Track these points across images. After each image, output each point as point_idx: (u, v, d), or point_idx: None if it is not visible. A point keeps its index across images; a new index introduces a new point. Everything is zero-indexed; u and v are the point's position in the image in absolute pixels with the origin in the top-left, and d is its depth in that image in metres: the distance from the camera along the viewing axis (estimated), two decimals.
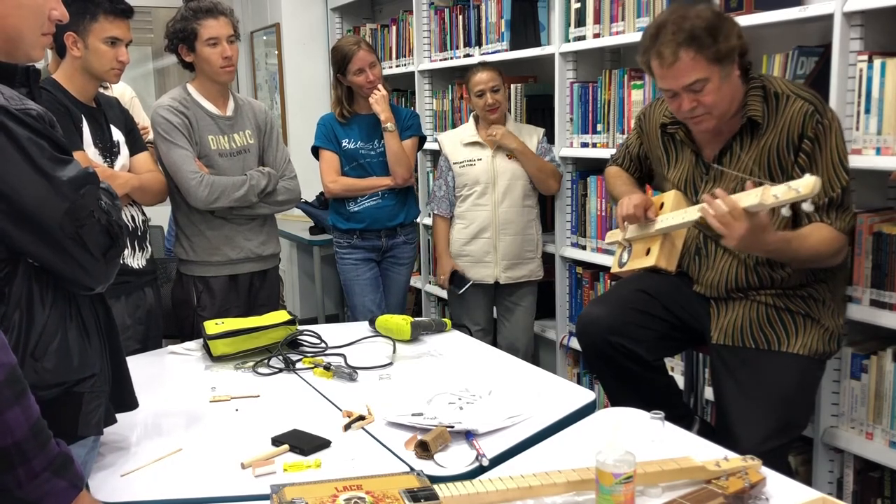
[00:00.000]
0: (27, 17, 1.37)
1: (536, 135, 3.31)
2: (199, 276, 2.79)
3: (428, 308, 4.39)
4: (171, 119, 2.66)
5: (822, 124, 1.94)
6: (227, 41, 2.68)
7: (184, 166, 2.64)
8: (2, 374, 1.09)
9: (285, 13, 5.25)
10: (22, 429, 1.11)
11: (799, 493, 1.38)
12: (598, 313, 2.18)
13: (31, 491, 1.13)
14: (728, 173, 2.07)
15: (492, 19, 3.66)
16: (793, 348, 2.03)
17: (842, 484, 2.40)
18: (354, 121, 3.26)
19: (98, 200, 1.35)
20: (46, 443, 1.16)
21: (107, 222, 1.36)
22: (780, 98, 2.00)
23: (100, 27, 2.29)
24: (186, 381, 2.07)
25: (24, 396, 1.13)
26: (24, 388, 1.13)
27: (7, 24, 1.35)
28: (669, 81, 1.96)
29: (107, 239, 1.36)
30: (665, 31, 1.93)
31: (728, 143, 2.07)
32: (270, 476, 1.51)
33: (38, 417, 1.15)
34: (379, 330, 2.38)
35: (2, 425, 1.09)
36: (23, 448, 1.11)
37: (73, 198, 1.30)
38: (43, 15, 1.41)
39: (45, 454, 1.15)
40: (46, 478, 1.14)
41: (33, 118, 1.28)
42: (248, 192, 2.72)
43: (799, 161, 1.97)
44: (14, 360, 1.12)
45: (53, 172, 1.28)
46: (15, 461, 1.11)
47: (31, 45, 1.40)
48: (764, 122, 2.01)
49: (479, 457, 1.53)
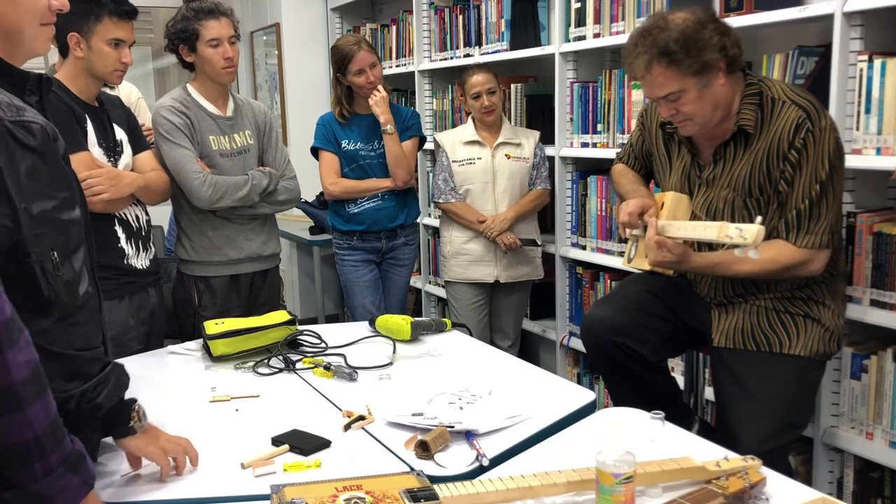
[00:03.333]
0: (24, 11, 1.35)
1: (533, 137, 3.31)
2: (201, 276, 2.79)
3: (428, 308, 4.39)
4: (173, 119, 2.66)
5: (812, 133, 1.91)
6: (229, 42, 2.68)
7: (186, 166, 2.64)
8: (26, 370, 1.11)
9: (285, 13, 5.25)
10: (42, 424, 1.13)
11: (799, 493, 1.38)
12: (604, 314, 2.18)
13: (46, 486, 1.14)
14: (719, 181, 2.06)
15: (492, 19, 3.66)
16: (794, 350, 2.03)
17: (842, 484, 2.40)
18: (354, 121, 3.25)
19: (51, 250, 1.24)
20: (62, 439, 1.17)
21: (41, 275, 1.22)
22: (776, 104, 1.97)
23: (104, 28, 2.29)
24: (186, 381, 2.07)
25: (45, 393, 1.14)
26: (45, 384, 1.15)
27: (6, 20, 1.33)
28: (646, 90, 2.01)
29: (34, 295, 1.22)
30: (642, 42, 1.92)
31: (722, 147, 2.06)
32: (270, 476, 1.50)
33: (56, 414, 1.17)
34: (379, 330, 2.38)
35: (24, 421, 1.11)
36: (42, 443, 1.13)
37: (26, 233, 1.20)
38: (41, 6, 1.38)
39: (60, 450, 1.16)
40: (61, 473, 1.16)
41: (28, 132, 1.23)
42: (251, 191, 2.72)
43: (784, 172, 1.96)
44: (37, 357, 1.14)
45: (19, 203, 1.19)
46: (33, 456, 1.13)
47: (32, 38, 1.37)
48: (756, 131, 1.99)
49: (479, 457, 1.53)
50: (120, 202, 2.40)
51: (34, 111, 1.29)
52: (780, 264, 1.97)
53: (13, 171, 1.20)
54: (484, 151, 3.26)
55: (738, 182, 2.03)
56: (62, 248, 1.26)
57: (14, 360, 1.09)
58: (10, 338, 1.09)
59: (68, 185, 1.32)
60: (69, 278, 1.26)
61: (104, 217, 2.37)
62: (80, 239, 1.33)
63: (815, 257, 1.98)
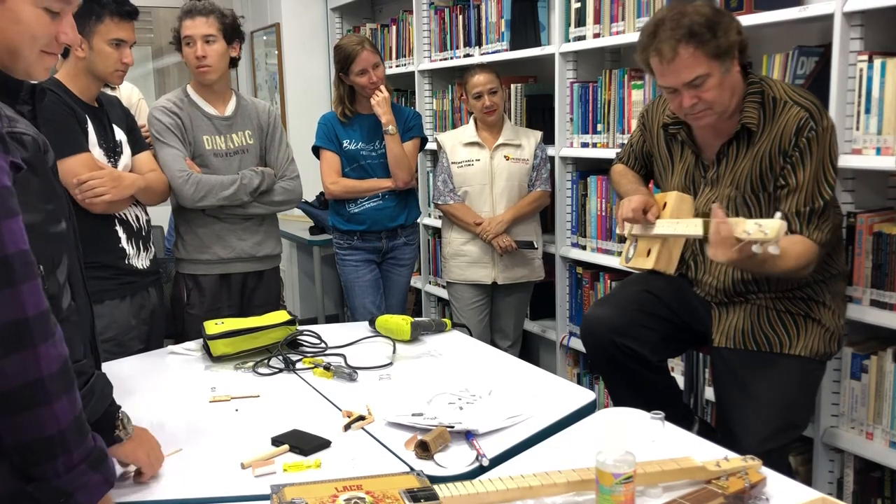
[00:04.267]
0: (24, 33, 1.29)
1: (534, 138, 3.31)
2: (190, 273, 2.80)
3: (428, 308, 4.39)
4: (163, 119, 2.69)
5: (815, 132, 1.92)
6: (203, 41, 2.66)
7: (172, 165, 2.65)
8: (56, 364, 1.12)
9: (285, 13, 5.25)
10: (67, 419, 1.14)
11: (799, 493, 1.38)
12: (604, 314, 2.18)
13: (68, 481, 1.15)
14: (723, 179, 2.07)
15: (492, 19, 3.66)
16: (794, 350, 2.03)
17: (842, 484, 2.40)
18: (356, 121, 3.25)
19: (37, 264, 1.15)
20: (86, 436, 1.18)
21: None
22: (778, 104, 1.98)
23: (105, 29, 2.29)
24: (186, 381, 2.07)
25: (73, 388, 1.15)
26: (72, 379, 1.16)
27: (4, 37, 1.28)
28: (669, 78, 1.95)
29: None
30: (664, 27, 1.91)
31: (724, 149, 2.06)
32: (270, 476, 1.50)
33: (81, 410, 1.17)
34: (379, 330, 2.38)
35: (51, 415, 1.12)
36: (66, 439, 1.14)
37: None
38: (45, 35, 1.33)
39: (84, 446, 1.17)
40: (83, 470, 1.17)
41: (19, 144, 1.20)
42: (238, 190, 2.71)
43: (785, 169, 1.96)
44: (67, 352, 1.15)
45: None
46: (58, 451, 1.14)
47: (29, 63, 1.32)
48: (759, 129, 2.00)
49: (479, 457, 1.53)
50: (121, 203, 2.41)
51: (26, 122, 1.27)
52: (808, 259, 1.95)
53: None
54: (483, 153, 3.26)
55: (740, 180, 2.03)
56: (48, 262, 1.25)
57: (47, 353, 1.10)
58: (45, 331, 1.10)
59: (56, 198, 1.31)
60: (53, 292, 1.25)
61: (105, 218, 2.37)
62: (64, 252, 1.32)
63: (818, 257, 1.98)
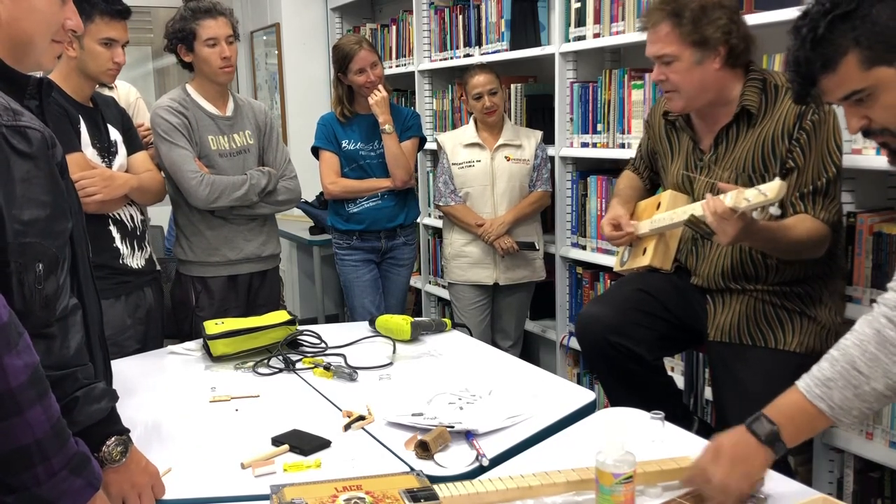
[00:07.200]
0: (40, 22, 1.32)
1: (535, 138, 3.30)
2: (198, 276, 2.79)
3: (428, 308, 4.39)
4: (171, 119, 2.66)
5: (818, 114, 1.96)
6: (226, 42, 2.68)
7: (184, 166, 2.64)
8: (25, 374, 1.09)
9: (285, 13, 5.25)
10: (43, 427, 1.12)
11: (799, 493, 1.38)
12: (599, 313, 2.19)
13: (49, 489, 1.13)
14: (722, 162, 2.09)
15: (492, 19, 3.66)
16: (789, 346, 2.03)
17: (842, 484, 2.40)
18: (355, 121, 3.26)
19: (37, 261, 1.19)
20: (66, 442, 1.16)
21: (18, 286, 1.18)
22: (780, 90, 2.03)
23: (95, 28, 2.28)
24: (186, 381, 2.07)
25: (46, 396, 1.13)
26: (46, 387, 1.14)
27: (19, 27, 1.31)
28: (648, 46, 2.08)
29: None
30: (665, 3, 2.02)
31: (723, 132, 2.09)
32: (270, 476, 1.50)
33: (58, 417, 1.15)
34: (379, 330, 2.38)
35: (24, 424, 1.10)
36: (43, 447, 1.12)
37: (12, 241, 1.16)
38: (57, 22, 1.36)
39: (64, 453, 1.15)
40: (64, 476, 1.15)
41: (24, 138, 1.20)
42: (249, 191, 2.72)
43: (792, 151, 1.98)
44: (37, 359, 1.13)
45: (8, 210, 1.16)
46: (35, 459, 1.12)
47: (41, 52, 1.35)
48: (760, 112, 2.04)
49: (479, 457, 1.53)
50: (114, 203, 2.39)
51: (32, 116, 1.26)
52: (819, 235, 1.97)
53: (5, 177, 1.17)
54: (483, 154, 3.26)
55: (740, 163, 2.06)
56: (50, 260, 1.23)
57: (11, 364, 1.07)
58: (8, 342, 1.07)
59: (63, 194, 1.29)
60: (50, 293, 1.23)
61: (98, 217, 2.36)
62: (67, 251, 1.30)
63: (829, 237, 1.99)
